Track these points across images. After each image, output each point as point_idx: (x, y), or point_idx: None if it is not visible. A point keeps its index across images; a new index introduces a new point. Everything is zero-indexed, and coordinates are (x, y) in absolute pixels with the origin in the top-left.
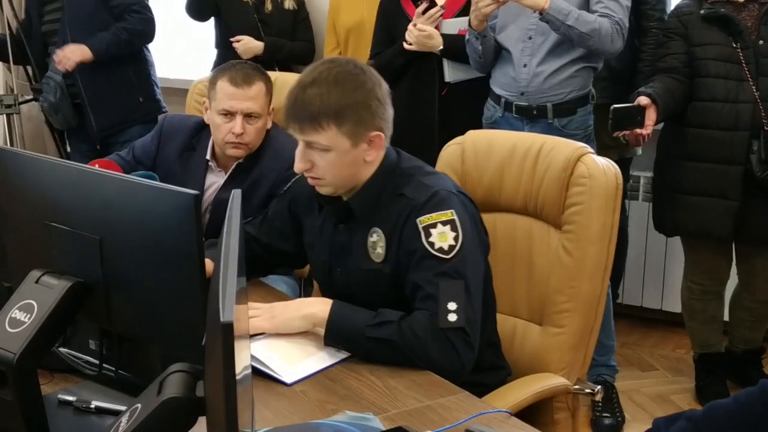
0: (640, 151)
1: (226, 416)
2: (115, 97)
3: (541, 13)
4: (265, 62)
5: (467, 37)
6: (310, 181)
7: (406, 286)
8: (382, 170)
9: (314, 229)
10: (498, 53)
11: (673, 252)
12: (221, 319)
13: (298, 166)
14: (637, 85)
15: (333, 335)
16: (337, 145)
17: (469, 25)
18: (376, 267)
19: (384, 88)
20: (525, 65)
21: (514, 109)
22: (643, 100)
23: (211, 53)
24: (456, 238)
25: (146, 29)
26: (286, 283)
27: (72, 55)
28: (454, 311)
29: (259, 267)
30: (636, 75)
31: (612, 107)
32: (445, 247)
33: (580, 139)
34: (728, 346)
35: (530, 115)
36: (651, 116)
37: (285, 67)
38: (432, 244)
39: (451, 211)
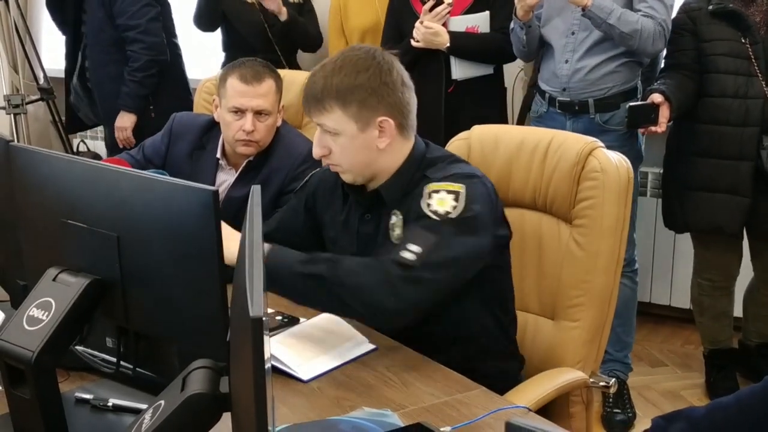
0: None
1: (256, 411)
2: None
3: (583, 10)
4: (274, 62)
5: (511, 26)
6: (331, 168)
7: None
8: (411, 159)
9: (337, 223)
10: (543, 42)
11: (682, 247)
12: (250, 314)
13: (315, 151)
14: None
15: (268, 276)
16: (345, 129)
17: (515, 14)
18: None
19: (396, 73)
20: (566, 61)
21: (557, 104)
22: (656, 97)
23: (218, 52)
24: (455, 208)
25: (152, 56)
26: None
27: (123, 131)
28: (412, 252)
29: None
30: None
31: (628, 105)
32: (440, 211)
33: (623, 134)
34: (742, 340)
35: (572, 111)
36: (665, 113)
37: (294, 66)
38: (428, 205)
39: (462, 185)
